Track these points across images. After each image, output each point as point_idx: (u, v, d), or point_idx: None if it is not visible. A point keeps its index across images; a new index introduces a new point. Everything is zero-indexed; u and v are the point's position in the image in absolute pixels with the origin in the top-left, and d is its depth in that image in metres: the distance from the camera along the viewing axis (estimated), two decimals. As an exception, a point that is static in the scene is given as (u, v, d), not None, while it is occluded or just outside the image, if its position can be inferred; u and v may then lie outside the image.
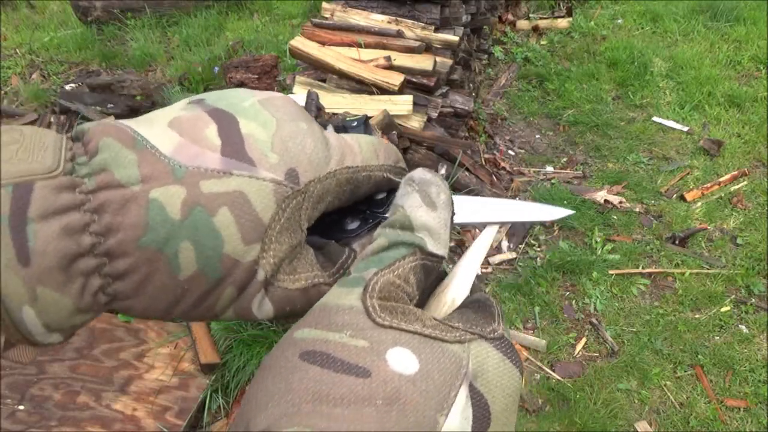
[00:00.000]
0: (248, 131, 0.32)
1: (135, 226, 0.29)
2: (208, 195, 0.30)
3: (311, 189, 0.33)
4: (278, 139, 0.32)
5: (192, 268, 0.30)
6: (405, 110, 2.61)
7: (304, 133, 0.33)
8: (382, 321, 0.28)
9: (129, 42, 4.45)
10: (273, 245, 0.31)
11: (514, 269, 2.62)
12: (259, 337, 2.11)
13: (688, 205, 2.92)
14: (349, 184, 0.35)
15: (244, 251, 0.31)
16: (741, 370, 2.18)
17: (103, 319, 2.20)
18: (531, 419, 2.05)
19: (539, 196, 2.94)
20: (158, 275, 0.30)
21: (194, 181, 0.30)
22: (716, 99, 3.62)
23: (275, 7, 4.83)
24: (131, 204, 0.29)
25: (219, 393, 2.00)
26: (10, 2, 5.13)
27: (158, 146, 0.30)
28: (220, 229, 0.30)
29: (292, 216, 0.32)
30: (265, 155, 0.31)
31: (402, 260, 0.31)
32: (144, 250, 0.29)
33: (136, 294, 0.30)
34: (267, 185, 0.31)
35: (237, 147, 0.31)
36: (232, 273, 0.31)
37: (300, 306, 0.34)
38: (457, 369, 0.27)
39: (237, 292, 0.32)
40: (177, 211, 0.29)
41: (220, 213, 0.30)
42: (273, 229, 0.31)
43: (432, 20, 3.00)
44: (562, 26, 4.44)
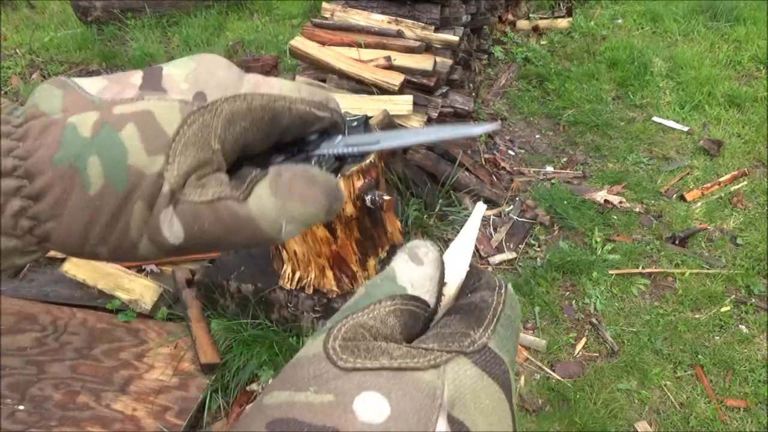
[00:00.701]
0: (168, 72, 0.35)
1: (50, 145, 0.31)
2: (117, 115, 0.32)
3: (219, 107, 0.33)
4: (193, 73, 0.35)
5: (100, 180, 0.31)
6: (405, 110, 2.61)
7: (219, 68, 0.35)
8: (344, 363, 0.26)
9: (129, 42, 4.45)
10: (177, 158, 0.32)
11: (514, 269, 2.62)
12: (259, 337, 2.11)
13: (688, 205, 2.92)
14: (265, 111, 0.35)
15: (148, 162, 0.31)
16: (741, 370, 2.19)
17: (103, 319, 2.20)
18: (531, 419, 2.05)
19: (539, 197, 2.94)
20: (72, 193, 0.31)
21: (109, 107, 0.32)
22: (716, 99, 3.62)
23: (275, 7, 4.83)
24: (50, 128, 0.31)
25: (219, 393, 2.00)
26: (10, 2, 5.13)
27: (85, 88, 0.33)
28: (125, 141, 0.31)
29: (199, 132, 0.33)
30: (177, 85, 0.34)
31: (378, 303, 0.30)
32: (57, 167, 0.31)
33: (54, 214, 0.31)
34: (173, 104, 0.33)
35: (154, 82, 0.34)
36: (139, 185, 0.32)
37: (208, 224, 0.33)
38: (431, 402, 0.26)
39: (146, 208, 0.32)
40: (88, 130, 0.31)
41: (126, 128, 0.32)
42: (178, 141, 0.32)
43: (432, 20, 3.00)
44: (562, 26, 4.44)
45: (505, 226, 2.80)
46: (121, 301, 2.24)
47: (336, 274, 2.00)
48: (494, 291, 0.32)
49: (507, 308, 0.32)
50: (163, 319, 2.22)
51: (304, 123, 0.37)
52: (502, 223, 2.82)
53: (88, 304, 2.26)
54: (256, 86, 0.35)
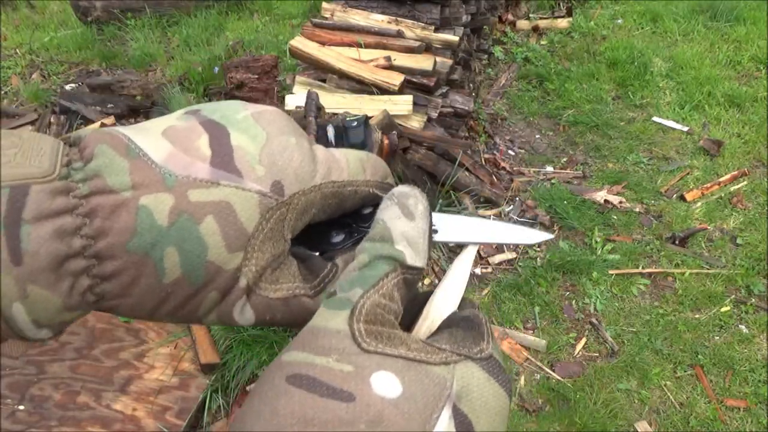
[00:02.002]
0: (238, 143, 0.33)
1: (123, 231, 0.30)
2: (195, 203, 0.31)
3: (295, 201, 0.34)
4: (266, 152, 0.33)
5: (176, 272, 0.31)
6: (405, 110, 2.61)
7: (292, 148, 0.34)
8: (368, 346, 0.28)
9: (129, 42, 4.45)
10: (256, 254, 0.33)
11: (514, 269, 2.62)
12: (259, 337, 2.11)
13: (688, 205, 2.92)
14: (335, 198, 0.36)
15: (227, 259, 0.32)
16: (741, 370, 2.19)
17: (103, 319, 2.20)
18: (531, 419, 2.05)
19: (539, 197, 2.94)
20: (144, 278, 0.31)
21: (183, 190, 0.31)
22: (716, 99, 3.62)
23: (275, 7, 4.83)
24: (121, 209, 0.30)
25: (219, 393, 2.00)
26: (10, 2, 5.13)
27: (150, 154, 0.31)
28: (204, 236, 0.31)
29: (275, 226, 0.33)
30: (253, 167, 0.33)
31: (385, 278, 0.31)
32: (131, 254, 0.30)
33: (122, 295, 0.31)
34: (252, 196, 0.32)
35: (226, 158, 0.32)
36: (215, 279, 0.32)
37: (280, 315, 0.35)
38: (440, 391, 0.28)
39: (220, 297, 0.33)
40: (164, 218, 0.30)
41: (205, 221, 0.31)
42: (256, 238, 0.32)
43: (432, 20, 3.00)
44: (562, 26, 4.44)
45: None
46: (121, 301, 2.24)
47: (336, 274, 2.00)
48: (476, 308, 0.35)
49: (491, 327, 0.34)
50: (163, 319, 2.22)
51: (364, 202, 0.39)
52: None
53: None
54: (327, 172, 0.35)
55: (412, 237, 0.33)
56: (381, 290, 0.31)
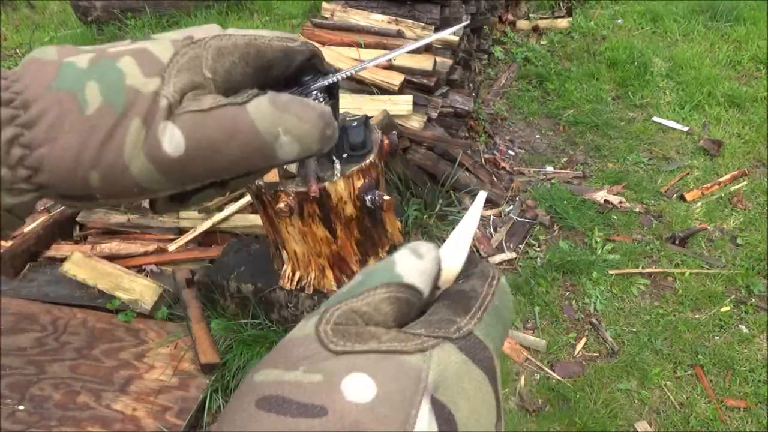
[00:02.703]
0: (157, 35, 0.37)
1: (46, 76, 0.33)
2: (113, 51, 0.34)
3: (207, 43, 0.36)
4: (179, 30, 0.38)
5: (97, 101, 0.33)
6: (405, 110, 2.61)
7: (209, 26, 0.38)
8: (335, 347, 0.27)
9: (129, 42, 4.45)
10: (173, 79, 0.34)
11: (514, 269, 2.62)
12: (259, 337, 2.11)
13: (688, 205, 2.92)
14: (250, 47, 0.37)
15: (144, 82, 0.33)
16: (741, 370, 2.18)
17: (103, 319, 2.20)
18: (531, 419, 2.05)
19: (539, 197, 2.94)
20: (68, 115, 0.32)
21: (103, 49, 0.35)
22: (716, 99, 3.62)
23: (275, 7, 4.84)
24: (47, 66, 0.33)
25: (219, 393, 2.00)
26: (10, 2, 5.13)
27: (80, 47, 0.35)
28: (122, 67, 0.34)
29: (191, 61, 0.35)
30: (166, 36, 0.37)
31: (373, 290, 0.30)
32: (54, 92, 0.32)
33: (47, 140, 0.32)
34: (166, 42, 0.36)
35: (145, 38, 0.36)
36: (135, 103, 0.33)
37: (210, 130, 0.34)
38: (416, 384, 0.26)
39: (143, 124, 0.33)
40: (85, 63, 0.33)
41: (123, 59, 0.34)
42: (172, 66, 0.34)
43: (432, 20, 3.00)
44: (562, 26, 4.44)
45: (505, 226, 2.80)
46: (121, 301, 2.24)
47: (336, 274, 2.00)
48: (486, 281, 0.33)
49: (496, 299, 0.32)
50: (163, 319, 2.22)
51: (286, 56, 0.39)
52: (502, 223, 2.82)
53: (88, 304, 2.26)
54: (236, 31, 0.38)
55: (415, 272, 0.32)
56: (365, 299, 0.29)
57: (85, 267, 2.32)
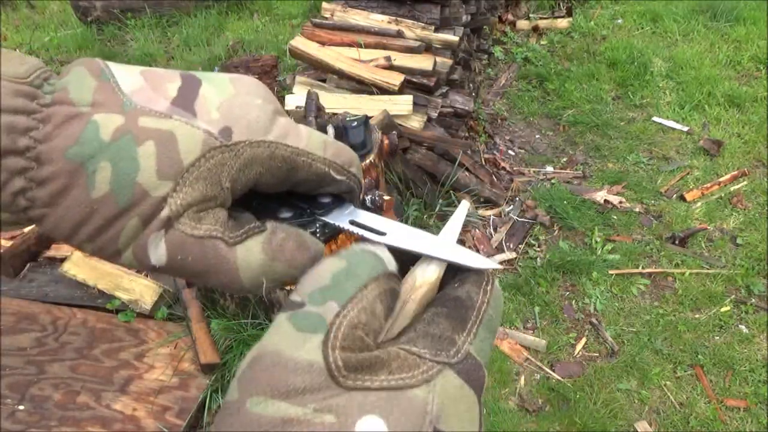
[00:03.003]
0: (205, 93, 0.34)
1: (67, 137, 0.31)
2: (141, 128, 0.32)
3: (241, 149, 0.33)
4: (227, 102, 0.34)
5: (105, 188, 0.31)
6: (405, 110, 2.61)
7: (253, 105, 0.35)
8: (346, 381, 0.26)
9: (129, 42, 4.45)
10: (185, 189, 0.32)
11: (514, 269, 2.62)
12: (259, 337, 2.11)
13: (688, 205, 2.92)
14: (285, 162, 0.35)
15: (155, 185, 0.32)
16: (741, 370, 2.18)
17: (103, 319, 2.20)
18: (531, 419, 2.05)
19: (539, 197, 2.94)
20: (74, 189, 0.31)
21: (135, 115, 0.32)
22: (716, 99, 3.62)
23: (275, 7, 4.83)
24: (74, 120, 0.31)
25: (219, 393, 2.00)
26: (10, 2, 5.13)
27: (121, 83, 0.33)
28: (140, 157, 0.31)
29: (214, 169, 0.33)
30: (209, 112, 0.33)
31: (365, 288, 0.29)
32: (68, 161, 0.31)
33: (51, 203, 0.32)
34: (198, 132, 0.32)
35: (188, 102, 0.33)
36: (140, 203, 0.32)
37: (191, 257, 0.33)
38: (423, 420, 0.27)
39: (141, 224, 0.32)
40: (109, 134, 0.31)
41: (145, 144, 0.31)
42: (190, 173, 0.32)
43: (432, 20, 3.00)
44: (562, 26, 4.44)
45: (505, 226, 2.80)
46: (121, 301, 2.24)
47: (336, 274, 2.00)
48: (480, 287, 0.33)
49: (491, 308, 0.32)
50: (163, 319, 2.22)
51: (320, 181, 0.37)
52: (502, 223, 2.82)
53: (88, 304, 2.26)
54: (284, 135, 0.35)
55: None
56: (360, 304, 0.28)
57: (85, 267, 2.32)
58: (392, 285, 0.31)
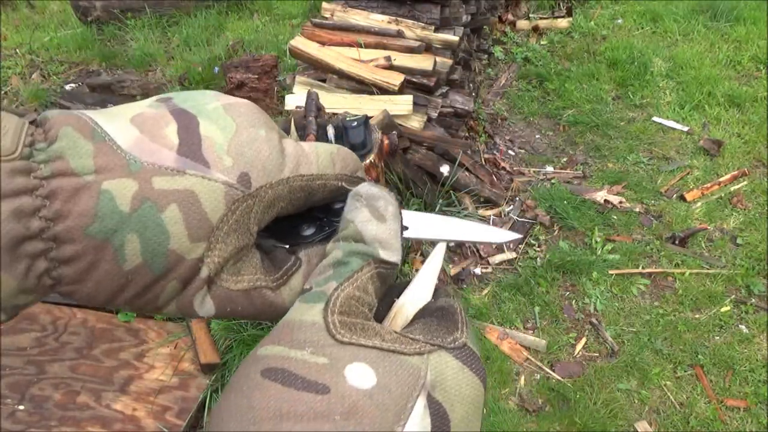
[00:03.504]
0: (207, 133, 0.33)
1: (84, 215, 0.29)
2: (159, 191, 0.30)
3: (262, 194, 0.33)
4: (235, 143, 0.33)
5: (137, 260, 0.30)
6: (405, 110, 2.61)
7: (261, 140, 0.34)
8: (342, 338, 0.29)
9: (129, 42, 4.45)
10: (219, 245, 0.32)
11: (514, 269, 2.62)
12: (259, 337, 2.11)
13: (688, 205, 2.92)
14: (303, 191, 0.36)
15: (189, 248, 0.31)
16: (741, 370, 2.18)
17: (103, 319, 2.20)
18: (531, 419, 2.05)
19: (539, 197, 2.94)
20: (103, 264, 0.30)
21: (147, 176, 0.30)
22: (716, 99, 3.62)
23: (275, 7, 4.83)
24: (83, 193, 0.29)
25: (219, 393, 2.00)
26: (10, 2, 5.13)
27: (117, 140, 0.31)
28: (167, 224, 0.30)
29: (241, 219, 0.33)
30: (220, 158, 0.32)
31: (359, 271, 0.32)
32: (91, 238, 0.29)
33: (80, 280, 0.31)
34: (218, 186, 0.32)
35: (194, 147, 0.32)
36: (176, 268, 0.32)
37: (241, 307, 0.35)
38: (414, 380, 0.28)
39: (180, 286, 0.32)
40: (127, 204, 0.30)
41: (168, 209, 0.30)
42: (221, 229, 0.32)
43: (432, 20, 3.00)
44: (562, 26, 4.44)
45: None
46: (121, 301, 2.23)
47: (336, 274, 2.00)
48: (450, 297, 0.36)
49: (466, 316, 0.35)
50: (163, 319, 2.22)
51: (334, 196, 0.38)
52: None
53: (88, 304, 2.26)
54: (296, 166, 0.35)
55: (384, 239, 0.34)
56: (355, 283, 0.32)
57: (85, 267, 2.32)
58: (382, 269, 0.34)
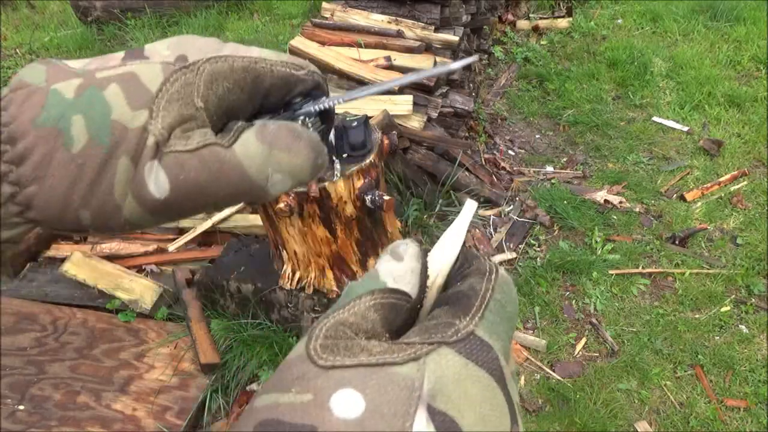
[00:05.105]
0: (150, 46, 0.36)
1: (32, 109, 0.31)
2: (101, 78, 0.33)
3: (200, 67, 0.34)
4: (174, 42, 0.36)
5: (84, 138, 0.31)
6: (405, 110, 2.61)
7: (200, 39, 0.36)
8: (324, 362, 0.26)
9: (129, 42, 4.45)
10: (161, 113, 0.33)
11: (514, 269, 2.62)
12: (259, 337, 2.11)
13: (688, 205, 2.92)
14: (247, 72, 0.35)
15: (132, 116, 0.32)
16: (741, 370, 2.19)
17: (103, 319, 2.20)
18: (531, 419, 2.05)
19: (539, 197, 2.94)
20: (55, 153, 0.31)
21: (92, 73, 0.33)
22: (716, 99, 3.62)
23: (275, 7, 4.83)
24: (34, 95, 0.32)
25: (219, 393, 2.00)
26: (10, 2, 5.13)
27: (69, 64, 0.34)
28: (108, 98, 0.32)
29: (182, 89, 0.33)
30: (159, 52, 0.35)
31: (357, 300, 0.30)
32: (40, 128, 0.31)
33: (36, 176, 0.31)
34: (156, 66, 0.34)
35: (137, 53, 0.35)
36: (123, 140, 0.32)
37: (194, 172, 0.33)
38: (408, 395, 0.25)
39: (131, 163, 0.32)
40: (72, 92, 0.32)
41: (109, 88, 0.32)
42: (161, 98, 0.33)
43: (432, 20, 3.00)
44: (562, 26, 4.44)
45: (505, 226, 2.80)
46: (121, 301, 2.24)
47: (336, 274, 2.00)
48: (484, 277, 0.32)
49: (497, 293, 0.31)
50: (163, 319, 2.22)
51: (286, 84, 0.37)
52: (502, 223, 2.82)
53: (88, 304, 2.26)
54: (235, 50, 0.36)
55: (399, 275, 0.32)
56: (350, 310, 0.29)
57: (85, 267, 2.32)
58: (391, 300, 0.31)
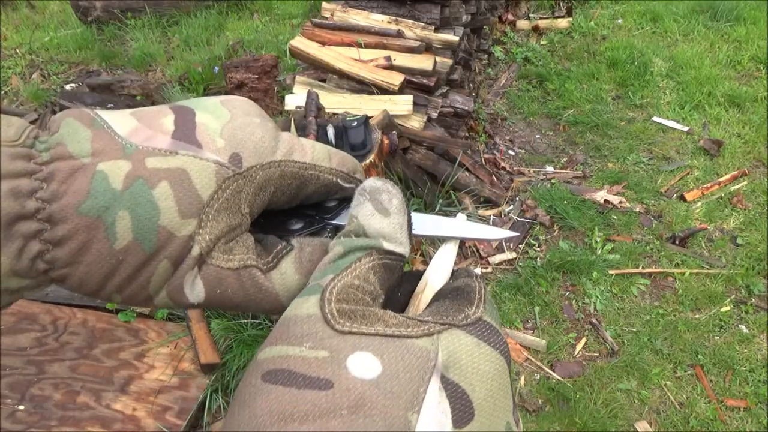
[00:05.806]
0: (202, 120, 0.33)
1: (77, 193, 0.30)
2: (151, 170, 0.31)
3: (253, 174, 0.34)
4: (229, 127, 0.34)
5: (128, 237, 0.31)
6: (405, 110, 2.61)
7: (254, 125, 0.35)
8: (341, 327, 0.27)
9: (129, 42, 4.45)
10: (210, 223, 0.32)
11: (514, 269, 2.62)
12: (260, 337, 2.11)
13: (688, 205, 2.92)
14: (295, 179, 0.36)
15: (180, 224, 0.31)
16: (741, 370, 2.18)
17: (103, 319, 2.20)
18: (531, 419, 2.05)
19: (539, 197, 2.94)
20: (95, 244, 0.31)
21: (141, 157, 0.31)
22: (716, 99, 3.62)
23: (275, 7, 4.83)
24: (78, 173, 0.30)
25: (219, 393, 2.00)
26: (10, 2, 5.13)
27: (115, 127, 0.32)
28: (158, 200, 0.31)
29: (232, 198, 0.33)
30: (213, 140, 0.33)
31: (358, 262, 0.31)
32: (83, 217, 0.30)
33: (72, 262, 0.31)
34: (209, 165, 0.32)
35: (188, 132, 0.33)
36: (167, 246, 0.31)
37: (231, 290, 0.34)
38: (424, 363, 0.26)
39: (171, 267, 0.32)
40: (120, 182, 0.30)
41: (159, 186, 0.31)
42: (211, 207, 0.32)
43: (432, 20, 3.00)
44: (562, 26, 4.44)
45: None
46: (121, 301, 2.23)
47: (336, 274, 2.00)
48: (473, 278, 0.34)
49: (487, 293, 0.33)
50: (163, 319, 2.22)
51: (328, 192, 0.38)
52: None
53: (88, 304, 2.26)
54: (290, 151, 0.35)
55: (388, 233, 0.33)
56: (354, 272, 0.30)
57: (85, 267, 2.32)
58: (386, 260, 0.32)
